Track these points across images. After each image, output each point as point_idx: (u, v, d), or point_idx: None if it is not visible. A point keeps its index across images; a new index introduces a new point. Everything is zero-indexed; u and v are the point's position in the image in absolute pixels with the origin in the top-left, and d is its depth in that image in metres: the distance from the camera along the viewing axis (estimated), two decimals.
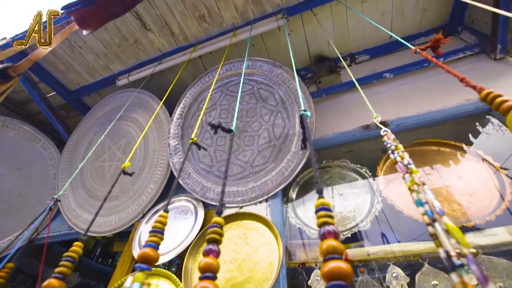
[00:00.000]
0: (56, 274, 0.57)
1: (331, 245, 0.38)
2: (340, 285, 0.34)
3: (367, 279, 1.03)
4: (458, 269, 0.39)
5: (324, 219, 0.42)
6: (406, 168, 0.55)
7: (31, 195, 1.93)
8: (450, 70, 0.66)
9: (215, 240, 0.47)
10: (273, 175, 1.31)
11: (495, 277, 0.89)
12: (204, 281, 0.42)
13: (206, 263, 0.44)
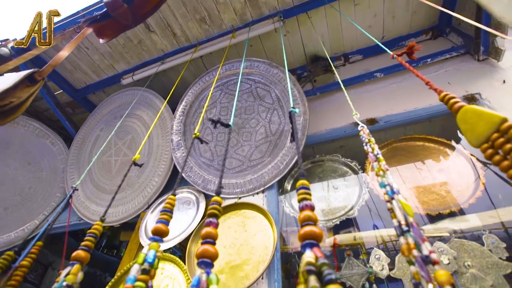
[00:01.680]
0: (82, 246, 0.68)
1: (307, 215, 0.49)
2: (312, 243, 0.45)
3: (352, 260, 1.14)
4: (405, 233, 0.50)
5: (303, 195, 0.53)
6: (376, 157, 0.66)
7: (41, 188, 2.04)
8: (418, 74, 0.77)
9: (215, 214, 0.58)
10: (269, 168, 1.42)
11: (464, 257, 1.00)
12: (205, 245, 0.52)
13: (207, 232, 0.54)
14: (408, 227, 0.49)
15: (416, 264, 0.45)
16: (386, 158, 1.51)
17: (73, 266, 0.64)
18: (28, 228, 1.89)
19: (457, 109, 0.61)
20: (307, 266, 0.42)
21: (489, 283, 0.92)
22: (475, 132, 0.55)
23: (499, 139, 0.51)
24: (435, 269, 0.44)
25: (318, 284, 0.40)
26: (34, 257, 0.80)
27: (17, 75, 0.83)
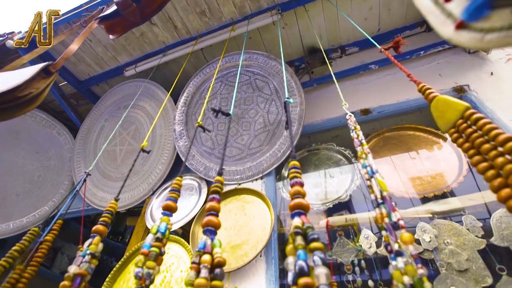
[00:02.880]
0: (100, 222, 0.77)
1: (296, 190, 0.57)
2: (300, 212, 0.54)
3: (343, 240, 1.24)
4: (380, 205, 0.58)
5: (293, 174, 0.61)
6: (360, 142, 0.74)
7: (49, 176, 2.13)
8: (401, 67, 0.84)
9: (217, 191, 0.66)
10: (267, 156, 1.50)
11: (444, 235, 1.09)
12: (209, 216, 0.61)
13: (211, 206, 0.63)
14: (382, 200, 0.58)
15: (387, 229, 0.54)
16: (378, 146, 1.59)
17: (94, 238, 0.73)
18: (38, 214, 1.99)
19: (431, 98, 0.69)
20: (295, 229, 0.51)
21: (465, 257, 1.02)
22: (444, 119, 0.63)
23: (462, 125, 0.60)
24: (401, 232, 0.53)
25: (303, 242, 0.49)
26: (56, 233, 0.89)
27: (34, 68, 0.90)
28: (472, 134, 0.57)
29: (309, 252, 0.47)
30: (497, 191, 0.50)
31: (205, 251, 0.56)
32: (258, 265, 1.21)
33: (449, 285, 0.99)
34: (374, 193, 0.60)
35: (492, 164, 0.52)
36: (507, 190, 0.48)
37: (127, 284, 1.37)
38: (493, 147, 0.52)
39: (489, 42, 0.38)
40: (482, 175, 0.54)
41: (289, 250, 0.50)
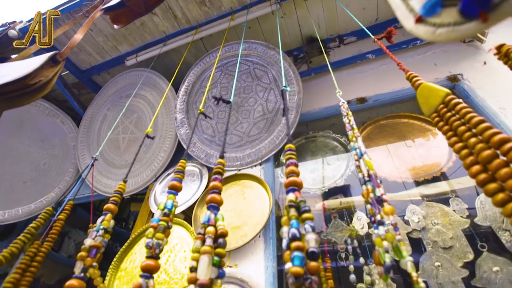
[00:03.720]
0: (111, 201, 0.83)
1: (291, 169, 0.63)
2: (294, 188, 0.60)
3: (338, 221, 1.31)
4: (366, 182, 0.64)
5: (289, 155, 0.67)
6: (351, 127, 0.79)
7: (55, 164, 2.19)
8: (392, 56, 0.89)
9: (219, 172, 0.72)
10: (266, 143, 1.56)
11: (431, 216, 1.16)
12: (212, 194, 0.67)
13: (214, 185, 0.69)
14: (369, 178, 0.64)
15: (371, 203, 0.60)
16: (373, 133, 1.65)
17: (106, 215, 0.80)
18: (45, 200, 2.06)
19: (417, 86, 0.74)
20: (289, 202, 0.57)
21: (450, 236, 1.09)
22: (428, 104, 0.69)
23: (443, 109, 0.65)
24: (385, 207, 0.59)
25: (296, 213, 0.55)
26: (68, 213, 0.96)
27: (42, 57, 0.94)
28: (451, 117, 0.62)
29: (301, 222, 0.54)
30: (469, 167, 0.56)
31: (209, 224, 0.63)
32: (257, 245, 1.29)
33: (434, 261, 1.07)
34: (362, 172, 0.66)
35: (466, 144, 0.58)
36: (477, 167, 0.55)
37: (133, 263, 1.45)
38: (467, 129, 0.58)
39: (439, 36, 0.43)
40: (458, 154, 0.60)
41: (284, 221, 0.57)
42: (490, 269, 0.99)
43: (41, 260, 0.83)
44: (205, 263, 0.56)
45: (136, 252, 1.51)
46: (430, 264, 1.07)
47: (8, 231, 2.19)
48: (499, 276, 0.96)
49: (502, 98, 1.41)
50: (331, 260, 1.37)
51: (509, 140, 0.51)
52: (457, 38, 0.41)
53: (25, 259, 0.81)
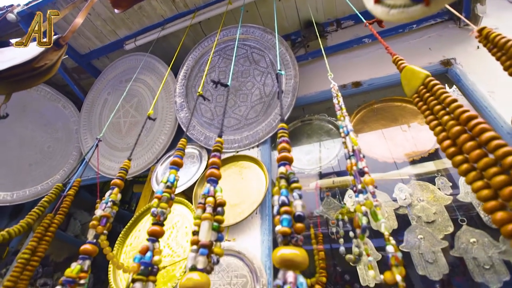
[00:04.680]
0: (117, 177, 0.90)
1: (283, 146, 0.69)
2: (285, 163, 0.66)
3: (330, 199, 1.39)
4: (351, 157, 0.71)
5: (281, 133, 0.73)
6: (340, 107, 0.85)
7: (59, 147, 2.25)
8: (381, 40, 0.93)
9: (218, 150, 0.79)
10: (263, 126, 1.62)
11: (418, 194, 1.24)
12: (212, 169, 0.74)
13: (213, 161, 0.76)
14: (353, 153, 0.70)
15: (354, 174, 0.67)
16: (367, 117, 1.70)
17: (113, 190, 0.87)
18: (51, 181, 2.14)
19: (401, 68, 0.79)
20: (280, 174, 0.64)
21: (433, 211, 1.17)
22: (410, 86, 0.74)
23: (422, 90, 0.71)
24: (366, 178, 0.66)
25: (286, 183, 0.62)
26: (76, 189, 1.03)
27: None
28: (429, 98, 0.68)
29: (290, 191, 0.61)
30: (441, 142, 0.62)
31: (209, 195, 0.70)
32: (254, 221, 1.37)
33: (418, 234, 1.15)
34: (347, 148, 0.72)
35: (440, 122, 0.64)
36: (448, 142, 0.61)
37: (138, 239, 1.55)
38: (442, 108, 0.64)
39: (392, 16, 0.49)
40: (433, 131, 0.66)
41: (275, 191, 0.64)
42: (467, 240, 1.07)
43: (54, 231, 0.91)
44: (205, 227, 0.63)
45: (140, 229, 1.60)
46: (413, 236, 1.16)
47: (17, 212, 2.28)
48: (475, 246, 1.05)
49: (491, 81, 1.45)
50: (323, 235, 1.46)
51: (475, 117, 0.57)
52: (406, 18, 0.46)
53: (40, 229, 0.89)
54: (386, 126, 1.61)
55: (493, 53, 0.75)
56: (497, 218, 0.48)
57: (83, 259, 0.71)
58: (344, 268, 1.63)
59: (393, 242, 0.54)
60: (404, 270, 0.50)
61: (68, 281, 0.66)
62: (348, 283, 1.52)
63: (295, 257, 0.48)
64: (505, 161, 0.49)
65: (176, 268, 1.36)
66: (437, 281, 1.12)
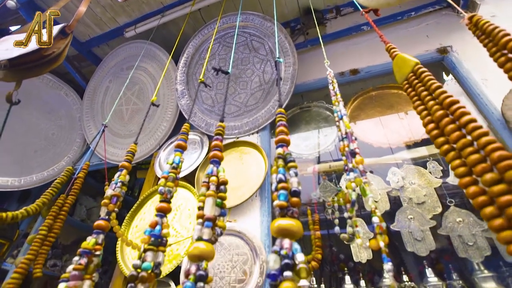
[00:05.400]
0: (125, 159, 0.95)
1: (281, 129, 0.74)
2: (282, 145, 0.72)
3: (327, 183, 1.46)
4: (344, 139, 0.76)
5: (279, 118, 0.78)
6: (335, 93, 0.90)
7: (63, 134, 2.30)
8: (376, 29, 0.96)
9: (220, 133, 0.84)
10: (262, 112, 1.66)
11: (410, 177, 1.30)
12: (215, 151, 0.79)
13: (215, 144, 0.81)
14: (346, 135, 0.76)
15: (346, 155, 0.73)
16: (364, 104, 1.75)
17: (121, 171, 0.92)
18: (57, 168, 2.20)
19: (393, 56, 0.84)
20: (278, 155, 0.69)
21: (423, 193, 1.24)
22: (400, 73, 0.79)
23: (412, 77, 0.75)
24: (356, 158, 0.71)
25: (283, 163, 0.67)
26: (86, 172, 1.09)
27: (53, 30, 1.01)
28: (417, 84, 0.73)
29: (287, 170, 0.66)
30: (425, 125, 0.68)
31: (212, 175, 0.76)
32: (254, 203, 1.44)
33: (408, 214, 1.22)
34: (341, 131, 0.77)
35: (426, 107, 0.69)
36: (432, 125, 0.66)
37: (143, 221, 1.62)
38: (428, 94, 0.69)
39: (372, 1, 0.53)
40: (419, 115, 0.71)
41: (273, 170, 0.69)
42: (454, 220, 1.14)
43: (67, 210, 0.97)
44: (210, 203, 0.69)
45: (145, 212, 1.68)
46: (404, 217, 1.23)
47: (25, 197, 2.36)
48: (460, 225, 1.12)
49: (485, 69, 1.49)
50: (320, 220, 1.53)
51: (457, 102, 0.62)
52: (384, 4, 0.50)
53: (54, 208, 0.95)
54: (382, 113, 1.65)
55: (481, 40, 0.79)
56: (469, 192, 0.54)
57: (97, 233, 0.78)
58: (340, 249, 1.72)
59: (378, 214, 0.60)
60: (387, 238, 0.57)
61: (86, 252, 0.72)
62: (342, 262, 1.61)
63: (291, 227, 0.54)
64: (479, 142, 0.54)
65: (180, 247, 1.44)
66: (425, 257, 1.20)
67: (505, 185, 0.49)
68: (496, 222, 0.50)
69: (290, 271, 0.49)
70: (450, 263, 1.26)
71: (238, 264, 1.26)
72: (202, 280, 0.57)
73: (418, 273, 1.37)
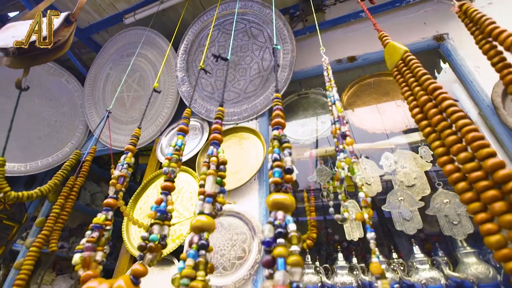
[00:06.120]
0: (130, 143, 1.01)
1: (277, 113, 0.79)
2: (278, 127, 0.77)
3: (323, 166, 1.52)
4: (335, 122, 0.81)
5: (276, 102, 0.83)
6: (329, 79, 0.94)
7: (65, 121, 2.35)
8: (370, 17, 1.00)
9: (220, 117, 0.89)
10: (261, 99, 1.70)
11: (401, 161, 1.36)
12: (215, 134, 0.84)
13: (215, 127, 0.86)
14: (338, 119, 0.81)
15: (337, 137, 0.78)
16: (360, 91, 1.78)
17: (127, 154, 0.98)
18: (61, 153, 2.26)
19: (385, 44, 0.87)
20: (273, 136, 0.75)
21: (413, 176, 1.30)
22: (391, 60, 0.83)
23: (401, 65, 0.80)
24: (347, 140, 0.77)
25: (278, 144, 0.73)
26: (93, 155, 1.14)
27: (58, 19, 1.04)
28: (405, 71, 0.77)
29: (282, 150, 0.72)
30: (411, 110, 0.73)
31: (212, 155, 0.81)
32: (252, 186, 1.51)
33: (399, 196, 1.29)
34: (333, 115, 0.82)
35: (412, 92, 0.74)
36: (417, 109, 0.71)
37: (146, 203, 1.69)
38: (414, 80, 0.74)
39: None
40: (406, 100, 0.76)
41: (269, 150, 0.75)
42: (441, 201, 1.21)
43: (77, 190, 1.04)
44: (210, 181, 0.75)
45: (148, 195, 1.74)
46: (395, 198, 1.30)
47: (31, 182, 2.43)
48: (447, 206, 1.19)
49: (478, 57, 1.52)
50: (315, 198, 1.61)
51: (440, 88, 0.67)
52: None
53: (66, 189, 1.01)
54: (378, 100, 1.69)
55: (469, 28, 0.83)
56: (446, 170, 0.60)
57: (106, 210, 0.84)
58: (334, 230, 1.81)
59: (364, 190, 0.66)
60: (372, 212, 0.63)
61: (97, 226, 0.79)
62: (337, 242, 1.69)
63: (284, 201, 0.60)
64: (457, 124, 0.60)
65: (182, 228, 1.52)
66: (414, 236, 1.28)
67: (476, 163, 0.55)
68: (467, 195, 0.56)
69: (283, 238, 0.55)
70: (437, 243, 1.34)
71: (238, 242, 1.33)
72: (203, 249, 0.64)
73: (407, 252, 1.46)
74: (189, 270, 0.60)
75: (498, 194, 0.50)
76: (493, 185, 0.52)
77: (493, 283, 0.98)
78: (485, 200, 0.52)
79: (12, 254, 2.05)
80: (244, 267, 1.25)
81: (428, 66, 1.94)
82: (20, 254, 1.96)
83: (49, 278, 2.22)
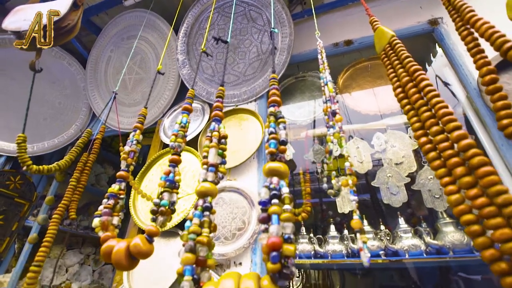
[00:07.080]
0: (138, 121, 1.09)
1: (273, 92, 0.87)
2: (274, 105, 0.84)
3: (318, 146, 1.61)
4: (327, 102, 0.89)
5: (272, 82, 0.90)
6: (322, 61, 1.01)
7: (69, 103, 2.41)
8: (363, 3, 1.05)
9: (220, 96, 0.96)
10: (260, 81, 1.77)
11: (391, 141, 1.45)
12: (216, 111, 0.92)
13: (217, 105, 0.94)
14: (329, 98, 0.89)
15: (328, 115, 0.86)
16: (356, 74, 1.85)
17: (136, 132, 1.06)
18: (66, 135, 2.34)
19: (375, 29, 0.94)
20: (269, 112, 0.83)
21: (402, 155, 1.40)
22: (379, 44, 0.90)
23: (388, 49, 0.87)
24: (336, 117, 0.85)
25: (274, 119, 0.81)
26: (103, 133, 1.23)
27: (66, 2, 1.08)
28: (391, 55, 0.84)
29: (277, 124, 0.80)
30: (395, 90, 0.80)
31: (214, 130, 0.90)
32: (251, 164, 1.60)
33: (387, 173, 1.39)
34: (325, 94, 0.90)
35: (396, 74, 0.81)
36: (399, 90, 0.79)
37: (152, 182, 1.79)
38: (399, 63, 0.81)
39: None
40: (391, 81, 0.84)
41: (266, 126, 0.83)
42: (426, 177, 1.31)
43: (90, 165, 1.13)
44: (213, 153, 0.84)
45: (153, 174, 1.84)
46: (384, 175, 1.40)
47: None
48: (431, 181, 1.29)
49: None
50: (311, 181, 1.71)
51: (420, 70, 0.74)
52: None
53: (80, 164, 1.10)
54: (373, 83, 1.76)
55: (451, 15, 0.89)
56: (420, 142, 0.69)
57: (119, 181, 0.93)
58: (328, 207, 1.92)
59: (350, 161, 0.75)
60: (355, 179, 0.72)
61: (112, 195, 0.88)
62: (330, 217, 1.81)
63: (278, 168, 0.68)
64: (431, 102, 0.68)
65: (186, 203, 1.62)
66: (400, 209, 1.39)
67: (444, 135, 0.64)
68: (435, 163, 0.65)
69: (277, 199, 0.65)
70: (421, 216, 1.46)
71: (238, 215, 1.44)
72: (207, 210, 0.73)
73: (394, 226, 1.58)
74: (195, 227, 0.69)
75: (459, 161, 0.59)
76: (456, 153, 0.61)
77: (466, 248, 1.10)
78: (449, 166, 0.61)
79: (24, 229, 2.17)
80: (244, 237, 1.37)
81: (424, 51, 2.00)
82: (32, 230, 2.08)
83: (60, 252, 2.37)
